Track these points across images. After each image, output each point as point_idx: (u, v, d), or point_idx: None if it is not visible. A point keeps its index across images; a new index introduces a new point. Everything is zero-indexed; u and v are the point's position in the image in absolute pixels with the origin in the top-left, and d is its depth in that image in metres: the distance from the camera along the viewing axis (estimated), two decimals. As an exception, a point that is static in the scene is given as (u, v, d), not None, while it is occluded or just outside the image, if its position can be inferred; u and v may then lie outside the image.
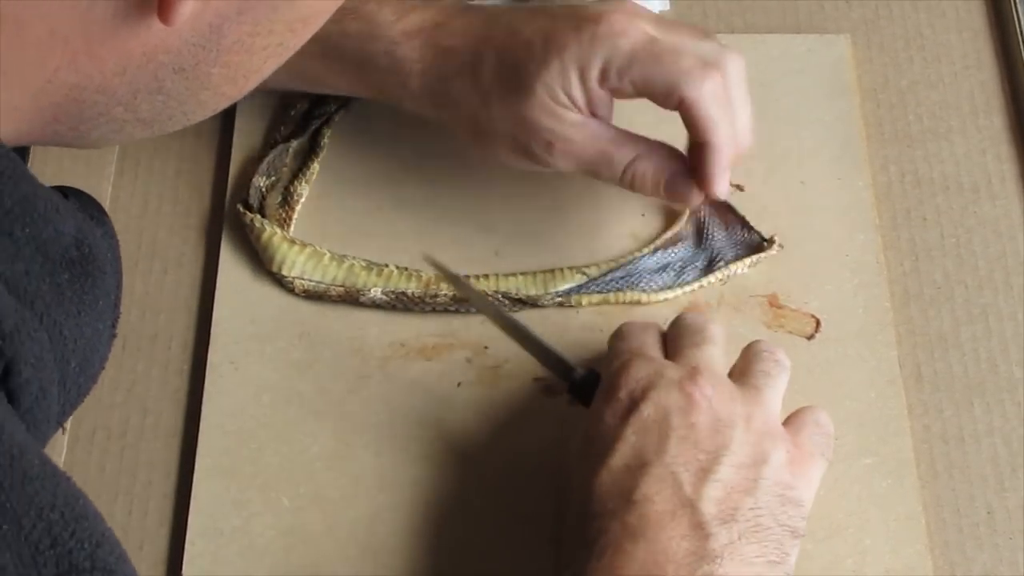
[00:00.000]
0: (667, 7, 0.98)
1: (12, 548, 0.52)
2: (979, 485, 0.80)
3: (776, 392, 0.76)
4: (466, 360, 0.84)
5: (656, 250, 0.88)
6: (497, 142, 0.84)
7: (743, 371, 0.77)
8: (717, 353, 0.77)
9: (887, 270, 0.87)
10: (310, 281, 0.86)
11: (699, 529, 0.69)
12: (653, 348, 0.78)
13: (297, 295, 0.86)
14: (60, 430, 0.68)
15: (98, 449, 0.81)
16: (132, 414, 0.83)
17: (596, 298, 0.86)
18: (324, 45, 0.84)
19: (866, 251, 0.88)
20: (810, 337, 0.85)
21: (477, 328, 0.85)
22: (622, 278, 0.87)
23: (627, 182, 0.84)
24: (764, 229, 0.89)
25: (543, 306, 0.86)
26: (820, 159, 0.92)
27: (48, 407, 0.62)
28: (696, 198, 0.84)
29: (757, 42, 0.97)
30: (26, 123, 0.60)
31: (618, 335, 0.79)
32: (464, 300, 0.85)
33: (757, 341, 0.79)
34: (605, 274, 0.87)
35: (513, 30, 0.83)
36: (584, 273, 0.87)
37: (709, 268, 0.87)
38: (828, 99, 0.94)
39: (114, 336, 0.70)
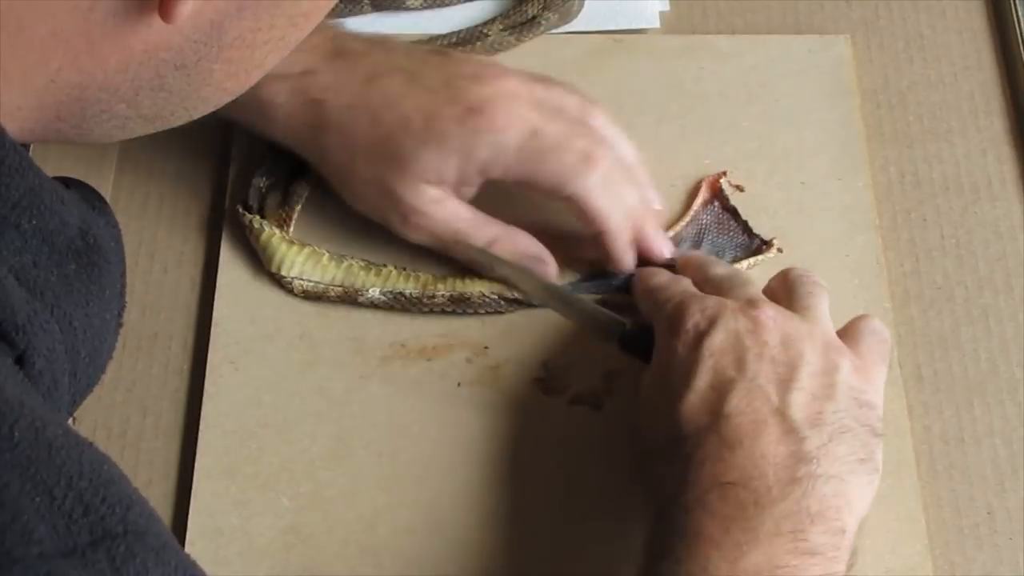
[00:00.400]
0: (666, 8, 0.98)
1: (46, 519, 0.52)
2: (979, 485, 0.80)
3: (825, 309, 0.79)
4: (466, 360, 0.84)
5: None
6: (358, 200, 0.86)
7: (788, 296, 0.79)
8: (758, 289, 0.80)
9: (887, 271, 0.88)
10: (309, 281, 0.86)
11: (792, 434, 0.72)
12: (693, 287, 0.81)
13: (296, 295, 0.86)
14: (71, 420, 0.68)
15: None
16: (132, 414, 0.83)
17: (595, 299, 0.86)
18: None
19: (866, 252, 0.88)
20: (810, 337, 0.85)
21: (477, 328, 0.85)
22: (618, 277, 0.86)
23: (479, 262, 0.85)
24: (764, 229, 0.89)
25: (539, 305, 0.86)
26: (820, 160, 0.92)
27: (60, 397, 0.62)
28: (550, 277, 0.86)
29: (757, 43, 0.97)
30: (29, 122, 0.61)
31: (653, 287, 0.82)
32: (461, 301, 0.85)
33: (789, 269, 0.82)
34: (602, 272, 0.86)
35: (390, 101, 0.83)
36: (579, 271, 0.87)
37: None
38: (828, 100, 0.94)
39: (120, 325, 0.70)
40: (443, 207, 0.84)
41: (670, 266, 0.85)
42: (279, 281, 0.86)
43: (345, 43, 0.86)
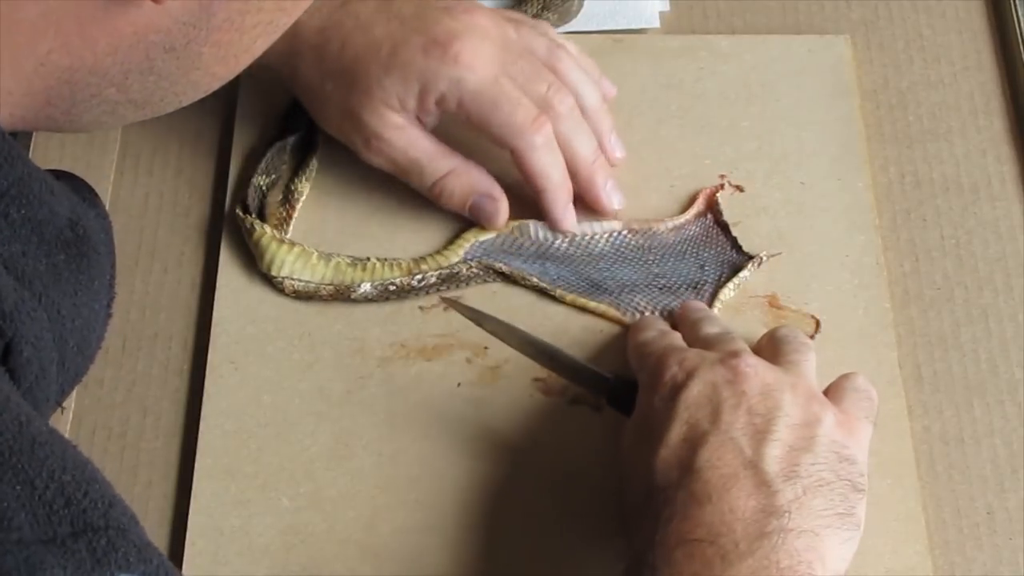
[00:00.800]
0: (666, 8, 0.98)
1: (26, 508, 0.52)
2: (979, 486, 0.80)
3: (811, 367, 0.78)
4: (466, 360, 0.84)
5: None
6: (325, 120, 0.88)
7: (774, 352, 0.78)
8: (745, 345, 0.78)
9: (887, 271, 0.88)
10: (299, 281, 0.86)
11: (764, 487, 0.70)
12: (679, 339, 0.80)
13: (288, 295, 0.86)
14: (59, 409, 0.68)
15: (98, 449, 0.81)
16: (132, 414, 0.83)
17: (579, 300, 0.86)
18: None
19: (866, 252, 0.88)
20: (810, 338, 0.85)
21: (477, 329, 0.85)
22: (586, 260, 0.87)
23: (435, 194, 0.87)
24: (764, 230, 0.88)
25: (523, 284, 0.86)
26: (820, 160, 0.92)
27: (47, 386, 0.62)
28: (499, 223, 0.87)
29: (757, 43, 0.97)
30: (20, 107, 0.61)
31: (640, 342, 0.81)
32: (451, 279, 0.86)
33: (777, 328, 0.81)
34: (566, 246, 0.88)
35: (362, 24, 0.85)
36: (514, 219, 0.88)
37: (694, 289, 0.87)
38: (828, 100, 0.94)
39: (110, 316, 0.70)
40: (403, 134, 0.85)
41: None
42: (271, 281, 0.86)
43: None
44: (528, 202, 0.88)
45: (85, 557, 0.52)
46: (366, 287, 0.86)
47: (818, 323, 0.86)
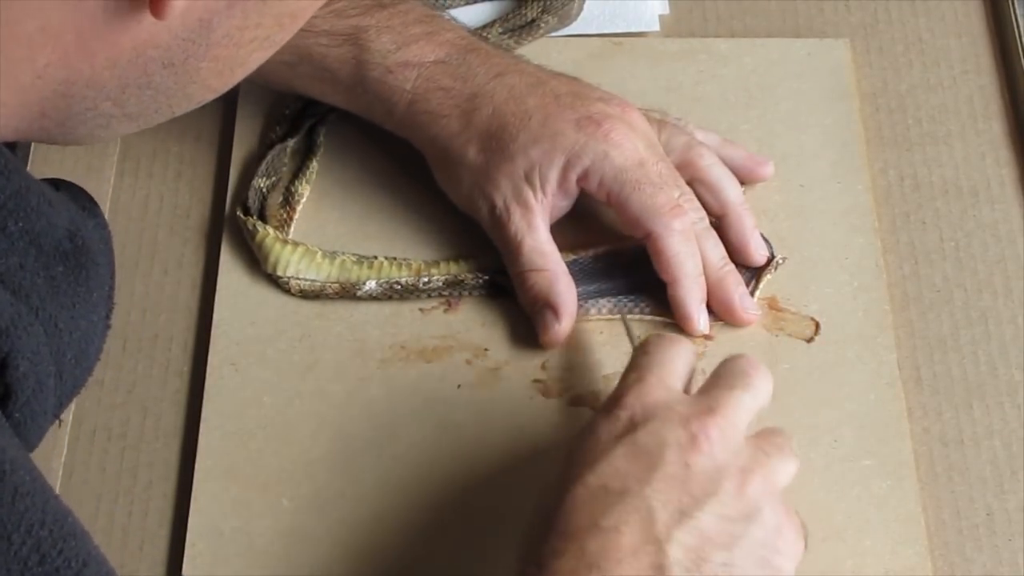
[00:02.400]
0: (666, 11, 0.99)
1: (1, 564, 0.52)
2: (979, 487, 0.80)
3: (784, 469, 0.71)
4: (466, 362, 0.84)
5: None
6: (455, 185, 0.87)
7: (756, 436, 0.72)
8: (747, 403, 0.72)
9: (886, 273, 0.88)
10: (305, 280, 0.86)
11: (659, 571, 0.65)
12: (674, 374, 0.73)
13: (294, 295, 0.86)
14: (57, 423, 0.68)
15: (99, 450, 0.81)
16: (132, 415, 0.83)
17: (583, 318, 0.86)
18: (319, 67, 0.87)
19: (865, 254, 0.88)
20: (810, 340, 0.85)
21: (477, 330, 0.85)
22: (605, 271, 0.87)
23: (518, 281, 0.85)
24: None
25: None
26: (820, 163, 0.92)
27: (45, 400, 0.62)
28: (551, 342, 0.84)
29: (757, 46, 0.97)
30: (14, 119, 0.60)
31: (644, 348, 0.75)
32: (456, 284, 0.86)
33: (776, 429, 0.74)
34: (589, 260, 0.87)
35: (515, 95, 0.85)
36: (571, 252, 0.87)
37: None
38: (828, 103, 0.94)
39: (108, 327, 0.70)
40: (529, 216, 0.84)
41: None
42: (276, 282, 0.87)
43: (479, 43, 0.89)
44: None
45: None
46: (371, 284, 0.86)
47: (818, 325, 0.86)
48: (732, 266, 0.86)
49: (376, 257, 0.87)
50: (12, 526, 0.53)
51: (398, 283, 0.86)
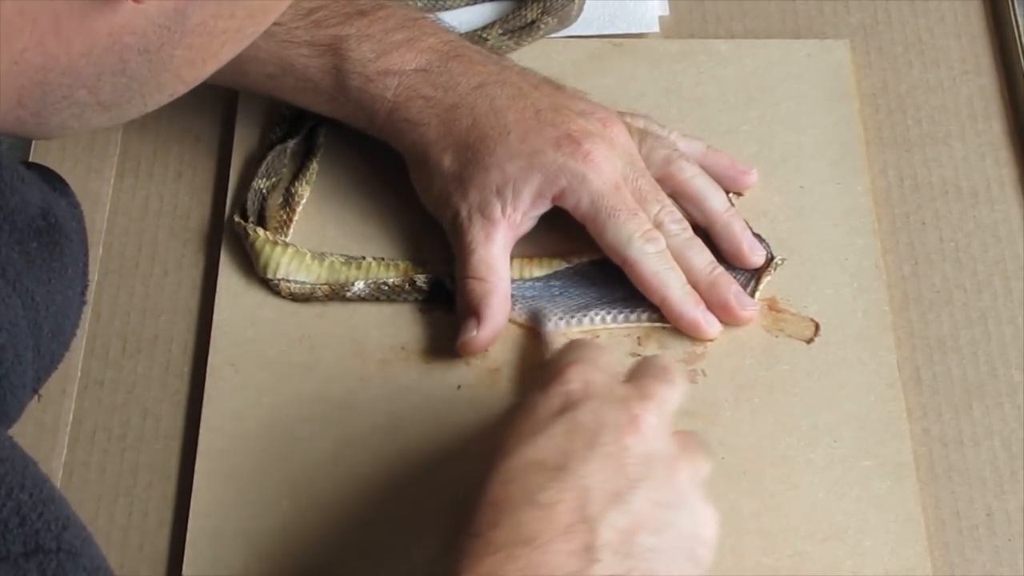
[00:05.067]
0: (666, 12, 0.99)
1: None
2: (978, 488, 0.80)
3: (705, 466, 0.72)
4: (465, 363, 0.85)
5: None
6: (428, 189, 0.87)
7: (678, 433, 0.72)
8: (675, 397, 0.73)
9: (886, 274, 0.88)
10: (295, 282, 0.86)
11: (588, 552, 0.64)
12: (610, 362, 0.74)
13: (284, 298, 0.86)
14: (36, 397, 0.68)
15: (99, 450, 0.81)
16: (132, 416, 0.83)
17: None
18: (300, 79, 0.87)
19: (865, 255, 0.88)
20: (809, 341, 0.85)
21: (477, 331, 0.85)
22: (599, 276, 0.87)
23: (459, 285, 0.85)
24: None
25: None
26: (819, 163, 0.92)
27: (23, 372, 0.62)
28: (462, 349, 0.84)
29: (757, 47, 0.97)
30: None
31: (573, 344, 0.75)
32: (439, 286, 0.86)
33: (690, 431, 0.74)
34: (585, 265, 0.87)
35: (496, 108, 0.85)
36: (565, 259, 0.88)
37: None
38: (827, 104, 0.94)
39: (84, 303, 0.70)
40: (492, 231, 0.85)
41: None
42: (268, 284, 0.87)
43: (463, 49, 0.88)
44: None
45: None
46: (359, 285, 0.86)
47: (817, 326, 0.86)
48: (721, 268, 0.86)
49: (364, 258, 0.87)
50: None
51: (385, 284, 0.86)
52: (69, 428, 0.82)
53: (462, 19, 0.98)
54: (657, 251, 0.84)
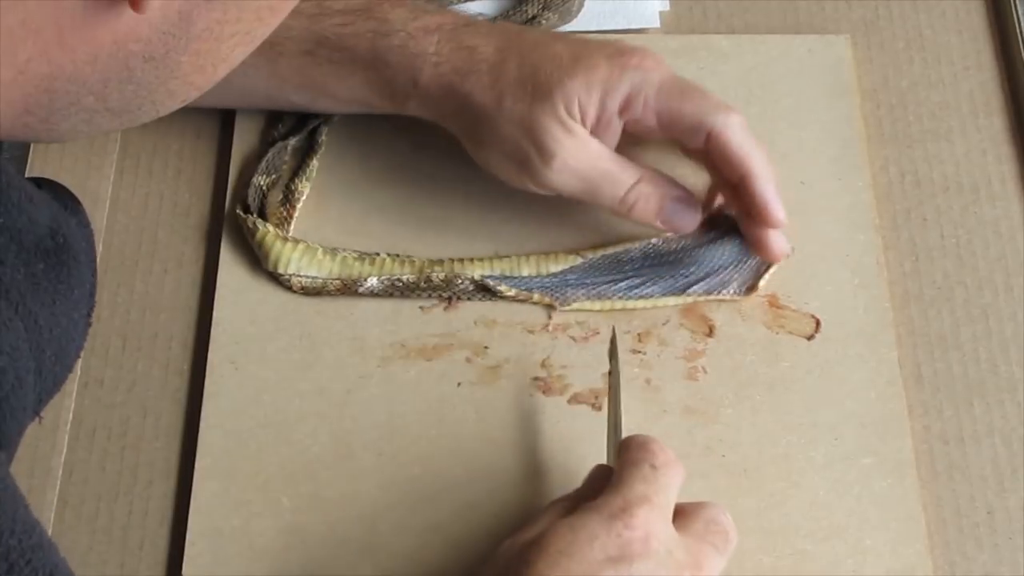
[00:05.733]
0: (666, 7, 0.98)
1: None
2: (979, 485, 0.80)
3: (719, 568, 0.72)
4: (466, 360, 0.84)
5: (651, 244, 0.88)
6: (495, 146, 0.85)
7: (697, 531, 0.72)
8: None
9: (887, 271, 0.88)
10: (306, 277, 0.86)
11: None
12: (671, 505, 0.72)
13: (296, 292, 0.86)
14: (36, 419, 0.68)
15: (98, 449, 0.81)
16: (132, 414, 0.83)
17: (594, 304, 0.86)
18: (332, 48, 0.86)
19: (866, 252, 0.88)
20: (810, 337, 0.85)
21: (477, 329, 0.85)
22: (613, 266, 0.87)
23: (627, 205, 0.84)
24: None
25: (533, 300, 0.86)
26: (820, 159, 0.92)
27: (24, 396, 0.62)
28: (694, 226, 0.85)
29: (757, 43, 0.97)
30: None
31: (652, 458, 0.72)
32: (454, 285, 0.86)
33: (712, 506, 0.73)
34: (598, 259, 0.87)
35: (540, 43, 0.85)
36: (579, 254, 0.87)
37: (706, 283, 0.87)
38: (828, 100, 0.94)
39: (89, 325, 0.70)
40: (589, 146, 0.83)
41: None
42: (278, 279, 0.87)
43: (478, 20, 0.88)
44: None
45: None
46: (373, 281, 0.86)
47: (818, 323, 0.86)
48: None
49: (378, 254, 0.87)
50: None
51: (400, 280, 0.86)
52: (69, 427, 0.82)
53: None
54: (740, 122, 0.83)
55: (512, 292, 0.86)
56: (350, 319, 0.86)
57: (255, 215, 0.88)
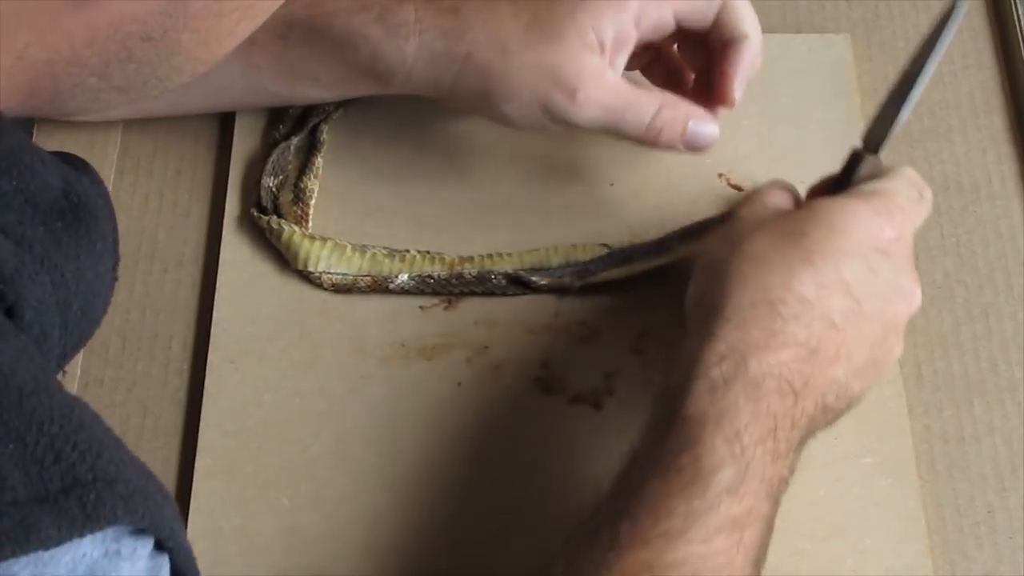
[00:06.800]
0: (667, 7, 0.98)
1: (19, 466, 0.52)
2: (979, 484, 0.80)
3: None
4: (466, 360, 0.84)
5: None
6: (511, 99, 0.82)
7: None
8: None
9: (887, 270, 0.87)
10: (336, 274, 0.86)
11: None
12: (913, 230, 0.78)
13: (326, 289, 0.86)
14: (61, 374, 0.68)
15: (98, 449, 0.81)
16: (132, 414, 0.83)
17: (622, 270, 0.87)
18: (306, 29, 0.83)
19: (866, 251, 0.88)
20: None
21: (477, 329, 0.85)
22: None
23: (654, 131, 0.83)
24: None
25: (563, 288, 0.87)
26: (820, 159, 0.91)
27: (49, 349, 0.62)
28: (712, 140, 0.84)
29: (757, 42, 0.97)
30: (2, 100, 0.60)
31: (912, 179, 0.79)
32: (486, 280, 0.86)
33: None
34: (628, 249, 0.87)
35: None
36: (606, 246, 0.87)
37: None
38: (828, 99, 0.94)
39: (115, 279, 0.70)
40: (609, 76, 0.81)
41: None
42: (307, 277, 0.87)
43: None
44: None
45: (77, 514, 0.52)
46: (404, 278, 0.86)
47: (818, 322, 0.85)
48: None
49: (408, 251, 0.87)
50: (24, 427, 0.53)
51: (431, 277, 0.86)
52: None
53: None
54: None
55: (546, 282, 0.86)
56: (350, 319, 0.86)
57: (274, 216, 0.88)
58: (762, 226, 0.75)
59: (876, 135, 0.79)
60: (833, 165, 0.91)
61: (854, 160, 0.79)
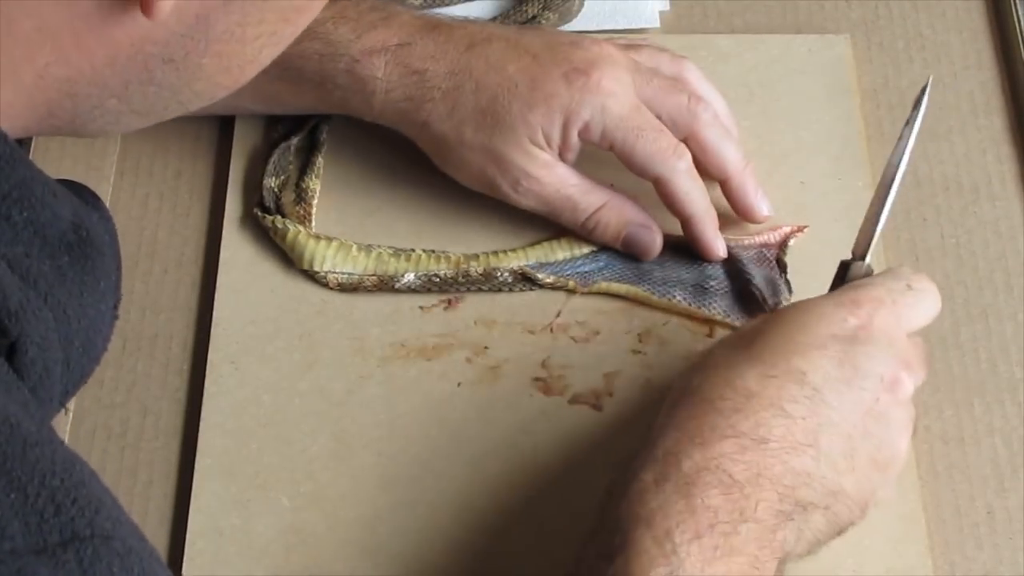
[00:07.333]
0: (666, 7, 0.98)
1: (19, 516, 0.52)
2: (979, 485, 0.80)
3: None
4: (466, 360, 0.84)
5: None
6: (463, 169, 0.87)
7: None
8: (924, 375, 0.76)
9: (887, 270, 0.87)
10: (342, 274, 0.86)
11: (808, 478, 0.70)
12: (912, 321, 0.76)
13: (332, 289, 0.86)
14: (63, 410, 0.68)
15: (98, 449, 0.81)
16: (132, 414, 0.83)
17: (617, 287, 0.86)
18: (282, 66, 0.83)
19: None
20: (810, 337, 0.85)
21: (477, 328, 0.85)
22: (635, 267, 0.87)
23: (588, 228, 0.87)
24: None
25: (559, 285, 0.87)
26: (820, 159, 0.92)
27: (51, 386, 0.62)
28: (655, 253, 0.87)
29: (757, 42, 0.97)
30: (22, 119, 0.61)
31: (890, 273, 0.77)
32: (492, 277, 0.86)
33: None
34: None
35: (493, 64, 0.85)
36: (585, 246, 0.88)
37: (740, 299, 0.87)
38: (828, 99, 0.94)
39: (116, 318, 0.70)
40: (554, 171, 0.85)
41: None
42: (313, 277, 0.87)
43: (437, 19, 0.88)
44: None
45: (73, 568, 0.52)
46: (410, 277, 0.86)
47: (818, 323, 0.85)
48: (751, 165, 0.88)
49: (414, 250, 0.87)
50: (26, 477, 0.53)
51: (437, 276, 0.86)
52: (69, 427, 0.82)
53: (463, 15, 0.97)
54: (686, 167, 0.85)
55: (551, 279, 0.86)
56: (350, 319, 0.86)
57: (278, 216, 0.88)
58: (725, 338, 0.77)
59: (863, 242, 0.79)
60: (833, 166, 0.91)
61: (842, 270, 0.79)
